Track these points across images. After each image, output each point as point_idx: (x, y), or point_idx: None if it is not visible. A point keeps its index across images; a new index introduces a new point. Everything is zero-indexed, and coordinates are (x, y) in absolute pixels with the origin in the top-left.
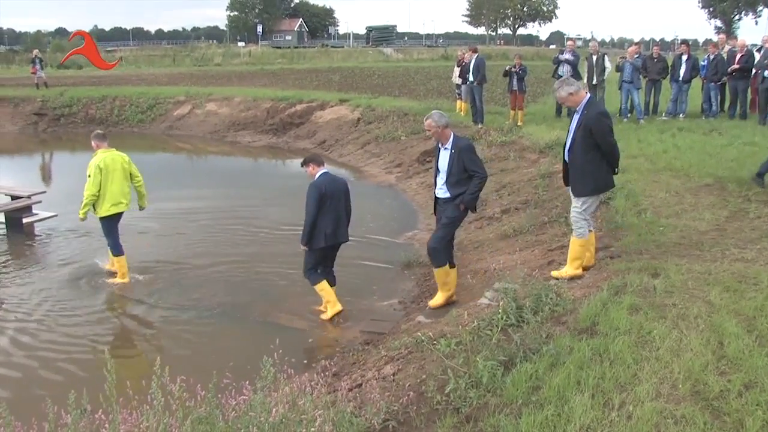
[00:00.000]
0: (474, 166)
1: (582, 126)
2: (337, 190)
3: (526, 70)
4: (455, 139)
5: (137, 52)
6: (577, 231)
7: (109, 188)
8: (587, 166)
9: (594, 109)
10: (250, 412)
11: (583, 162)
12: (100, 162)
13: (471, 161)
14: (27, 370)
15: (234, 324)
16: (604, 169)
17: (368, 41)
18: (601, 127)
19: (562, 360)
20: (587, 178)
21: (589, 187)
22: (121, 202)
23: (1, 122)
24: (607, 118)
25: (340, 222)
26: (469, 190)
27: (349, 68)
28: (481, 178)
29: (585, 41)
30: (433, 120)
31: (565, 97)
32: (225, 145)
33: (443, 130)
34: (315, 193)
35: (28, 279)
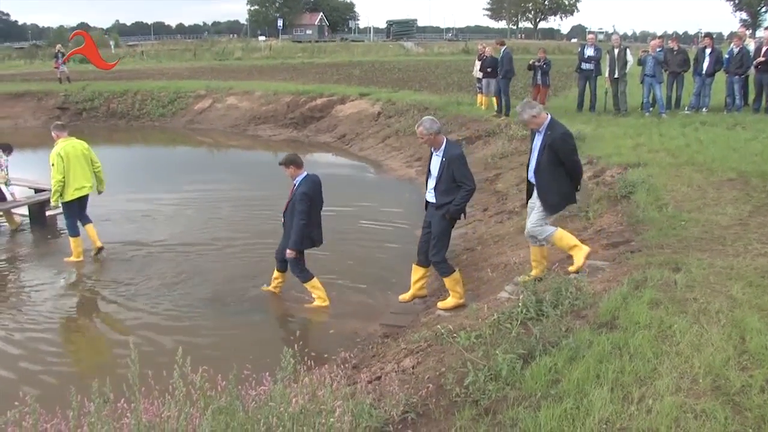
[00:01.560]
0: (462, 176)
1: (547, 146)
2: (318, 190)
3: (550, 64)
4: (447, 146)
5: (158, 47)
6: (546, 233)
7: (72, 174)
8: (554, 184)
9: (558, 130)
10: (270, 403)
11: (550, 179)
12: (61, 150)
13: (460, 171)
14: (51, 359)
15: (254, 316)
16: (568, 184)
17: (389, 35)
18: (565, 147)
19: (581, 354)
20: (555, 196)
21: (556, 202)
22: (84, 186)
23: (24, 116)
24: (571, 138)
25: (319, 223)
26: (456, 201)
27: (370, 62)
28: (468, 189)
29: (607, 35)
30: (425, 127)
31: (528, 120)
32: (245, 139)
33: (435, 136)
34: (307, 201)
35: (51, 269)
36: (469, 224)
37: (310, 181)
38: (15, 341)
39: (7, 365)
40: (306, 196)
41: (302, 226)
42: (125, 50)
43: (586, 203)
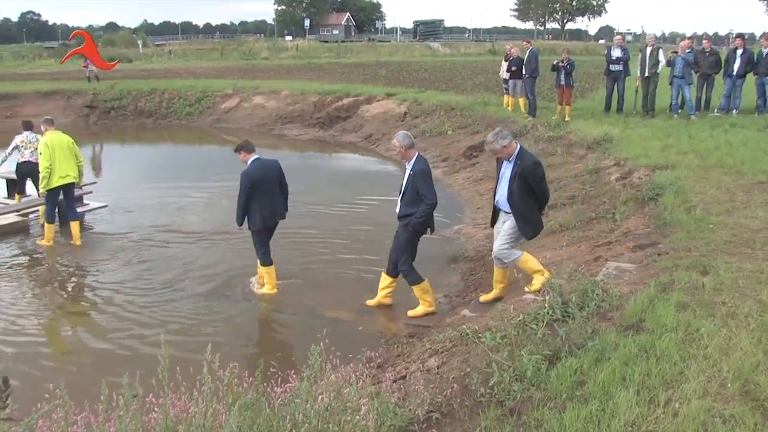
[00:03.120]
0: (424, 190)
1: (518, 175)
2: (269, 174)
3: (573, 65)
4: (416, 160)
5: (185, 46)
6: (512, 257)
7: (57, 163)
8: (526, 211)
9: (529, 160)
10: (296, 399)
11: (524, 207)
12: (47, 140)
13: (422, 185)
14: (77, 351)
15: (280, 314)
16: (537, 211)
17: (415, 35)
18: (537, 176)
19: (607, 356)
20: (529, 224)
21: (533, 229)
22: (68, 174)
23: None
24: (540, 167)
25: (276, 203)
26: (417, 214)
27: (396, 62)
28: (428, 204)
29: (635, 36)
30: (398, 140)
31: (500, 150)
32: (272, 139)
33: (406, 150)
34: (246, 182)
35: (77, 262)
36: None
37: (257, 162)
38: (40, 334)
39: (35, 358)
40: (245, 177)
41: (239, 205)
42: (153, 49)
43: (613, 205)
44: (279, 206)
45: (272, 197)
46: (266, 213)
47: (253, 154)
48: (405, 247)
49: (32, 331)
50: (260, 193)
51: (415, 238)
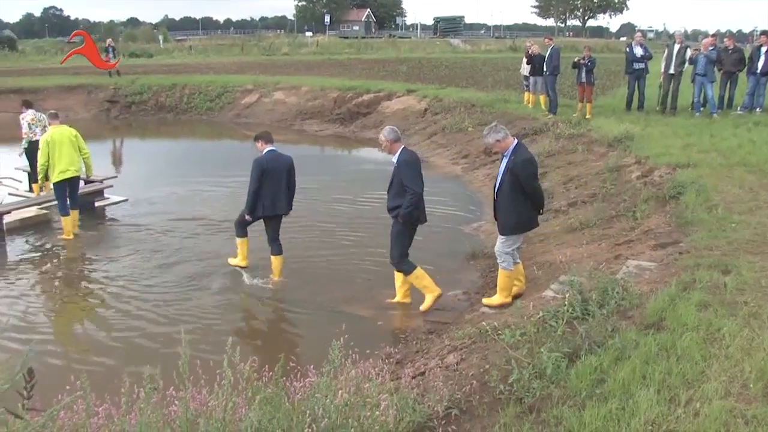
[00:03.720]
0: (407, 181)
1: (509, 171)
2: (279, 167)
3: (594, 62)
4: (400, 153)
5: (206, 42)
6: (502, 264)
7: (57, 158)
8: (512, 207)
9: (520, 156)
10: (316, 394)
11: (509, 203)
12: (48, 137)
13: (405, 176)
14: (99, 345)
15: (299, 309)
16: (529, 209)
17: (436, 32)
18: (525, 173)
19: (627, 354)
20: (512, 218)
21: (511, 225)
22: (68, 169)
23: (75, 109)
24: (531, 165)
25: (279, 195)
26: (404, 205)
27: (417, 59)
28: (411, 193)
29: (657, 33)
30: (383, 135)
31: (493, 144)
32: (292, 134)
33: (392, 144)
34: (257, 168)
35: (102, 258)
36: None
37: (271, 153)
38: (60, 327)
39: (54, 350)
40: (257, 164)
41: (250, 192)
42: (174, 45)
43: (634, 203)
44: (280, 200)
45: (276, 189)
46: (266, 203)
47: (270, 144)
48: (397, 240)
49: (52, 325)
50: (267, 183)
51: (406, 229)
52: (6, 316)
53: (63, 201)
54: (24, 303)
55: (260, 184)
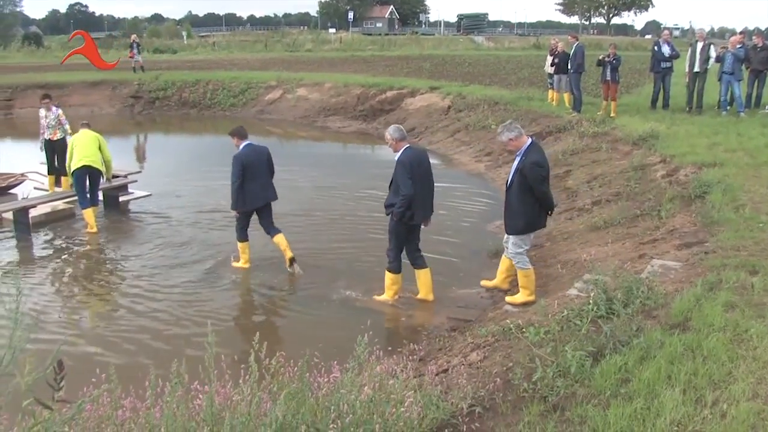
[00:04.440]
0: (400, 181)
1: (519, 171)
2: (258, 158)
3: (620, 60)
4: (402, 153)
5: (230, 38)
6: (518, 264)
7: (78, 150)
8: (521, 207)
9: (531, 158)
10: (340, 390)
11: (518, 203)
12: (74, 140)
13: (399, 176)
14: (127, 338)
15: (322, 306)
16: (537, 210)
17: (459, 29)
18: (533, 176)
19: (652, 354)
20: (521, 219)
21: (520, 226)
22: (87, 157)
23: (100, 104)
24: (540, 168)
25: (265, 185)
26: (396, 204)
27: (440, 56)
28: (401, 195)
29: (682, 31)
30: (389, 133)
31: (506, 142)
32: (315, 131)
33: (397, 142)
34: (237, 164)
35: (127, 252)
36: None
37: (248, 147)
38: (87, 319)
39: (82, 342)
40: (237, 160)
41: (233, 188)
42: (197, 41)
43: (659, 202)
44: (267, 189)
45: (260, 181)
46: (253, 194)
47: (245, 140)
48: (391, 233)
49: (76, 317)
50: (249, 176)
51: (399, 227)
52: (33, 310)
53: (82, 193)
54: (49, 296)
55: (243, 179)
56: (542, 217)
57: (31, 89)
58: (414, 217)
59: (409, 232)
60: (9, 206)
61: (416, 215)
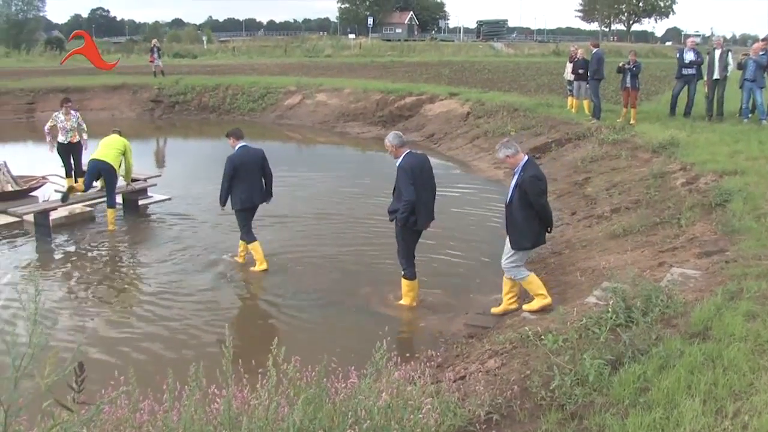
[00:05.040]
0: (402, 186)
1: (518, 186)
2: (251, 160)
3: (640, 67)
4: (403, 159)
5: (249, 43)
6: (517, 277)
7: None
8: (523, 223)
9: (529, 172)
10: (358, 396)
11: (520, 219)
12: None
13: (400, 181)
14: (144, 341)
15: (339, 311)
16: (537, 226)
17: (479, 35)
18: (533, 190)
19: (672, 363)
20: (523, 234)
21: (525, 242)
22: (100, 153)
23: (120, 108)
24: (539, 181)
25: (254, 188)
26: (399, 210)
27: (459, 62)
28: (404, 200)
29: (703, 38)
30: (388, 140)
31: (503, 159)
32: (334, 136)
33: (397, 149)
34: (229, 165)
35: (148, 255)
36: (557, 228)
37: (243, 149)
38: (105, 321)
39: (100, 344)
40: (229, 161)
41: (222, 187)
42: (217, 46)
43: (678, 210)
44: (256, 191)
45: (250, 182)
46: (243, 195)
47: (241, 141)
48: (398, 241)
49: (94, 319)
50: (240, 177)
51: (404, 232)
52: (52, 311)
53: (89, 184)
54: (68, 297)
55: (233, 179)
56: (542, 233)
57: (52, 93)
58: (417, 222)
59: (416, 236)
60: (30, 208)
61: (419, 220)
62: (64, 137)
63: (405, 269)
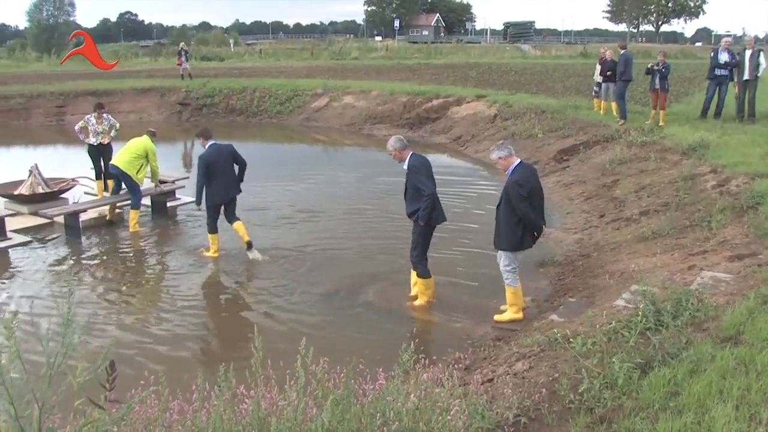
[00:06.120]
0: (420, 183)
1: (504, 189)
2: (222, 156)
3: (669, 68)
4: (410, 159)
5: (276, 46)
6: (507, 281)
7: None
8: (504, 226)
9: (514, 177)
10: (387, 397)
11: (502, 222)
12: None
13: (417, 179)
14: (173, 341)
15: (368, 312)
16: (520, 230)
17: (505, 37)
18: (513, 194)
19: (703, 367)
20: (502, 236)
21: (503, 244)
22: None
23: (148, 111)
24: (520, 186)
25: (229, 182)
26: (421, 208)
27: (486, 64)
28: (426, 194)
29: (735, 38)
30: (390, 144)
31: (495, 161)
32: (361, 138)
33: (400, 152)
34: (202, 164)
35: (176, 257)
36: (585, 230)
37: (213, 147)
38: (133, 321)
39: (128, 344)
40: (201, 161)
41: (197, 186)
42: (244, 48)
43: (709, 213)
44: (231, 185)
45: (225, 178)
46: (219, 191)
47: (211, 140)
48: (417, 242)
49: (123, 319)
50: (214, 174)
51: (426, 231)
52: (83, 312)
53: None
54: (98, 297)
55: (207, 177)
56: (527, 237)
57: (82, 96)
58: (438, 217)
59: (431, 233)
60: (60, 210)
61: (440, 215)
62: (95, 139)
63: (421, 270)
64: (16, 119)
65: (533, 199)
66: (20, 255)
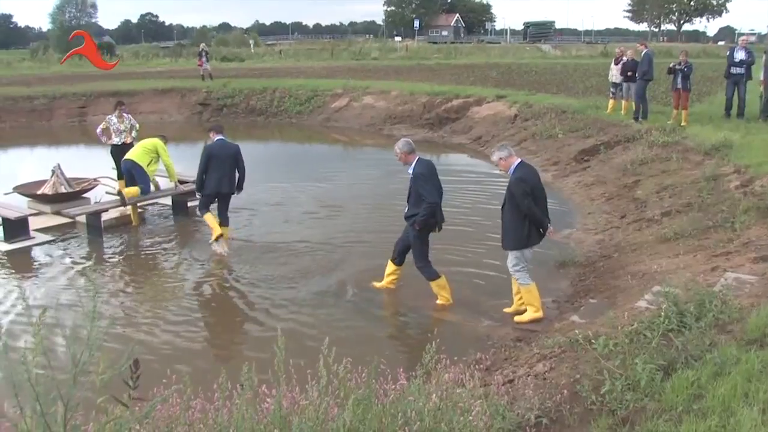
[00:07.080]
0: (422, 190)
1: (508, 188)
2: (225, 153)
3: (691, 68)
4: (415, 164)
5: (296, 46)
6: (519, 281)
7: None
8: (509, 224)
9: (516, 174)
10: (408, 397)
11: (507, 220)
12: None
13: (421, 188)
14: (195, 340)
15: (390, 313)
16: (526, 228)
17: (525, 37)
18: (518, 191)
19: (727, 370)
20: (509, 235)
21: (511, 242)
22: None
23: (169, 111)
24: (523, 183)
25: (223, 177)
26: (420, 213)
27: (506, 64)
28: (426, 203)
29: (759, 36)
30: (398, 147)
31: (497, 161)
32: (381, 138)
33: (406, 156)
34: (205, 154)
35: (197, 255)
36: (606, 231)
37: (219, 142)
38: (156, 319)
39: (153, 344)
40: (205, 151)
41: (198, 174)
42: (264, 49)
43: (732, 214)
44: (224, 181)
45: (221, 172)
46: (212, 183)
47: (220, 134)
48: (414, 245)
49: (146, 317)
50: (213, 166)
51: (422, 235)
52: (107, 311)
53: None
54: (121, 296)
55: (207, 167)
56: (534, 234)
57: (103, 97)
58: (437, 223)
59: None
60: (82, 210)
61: (439, 222)
62: (118, 138)
63: (428, 274)
64: (39, 120)
65: (536, 196)
66: (43, 253)
